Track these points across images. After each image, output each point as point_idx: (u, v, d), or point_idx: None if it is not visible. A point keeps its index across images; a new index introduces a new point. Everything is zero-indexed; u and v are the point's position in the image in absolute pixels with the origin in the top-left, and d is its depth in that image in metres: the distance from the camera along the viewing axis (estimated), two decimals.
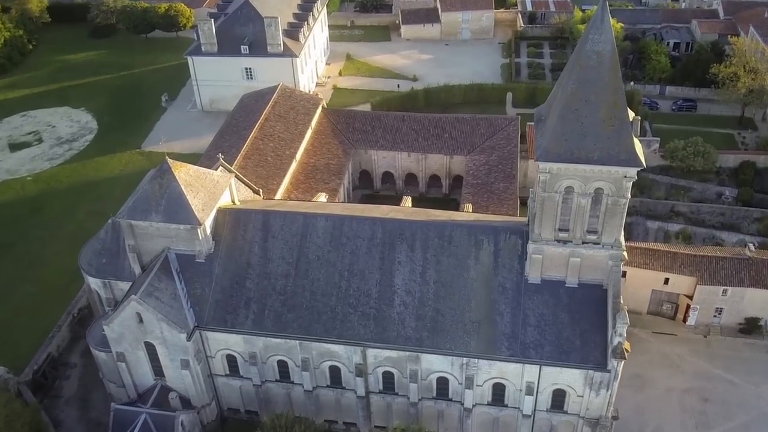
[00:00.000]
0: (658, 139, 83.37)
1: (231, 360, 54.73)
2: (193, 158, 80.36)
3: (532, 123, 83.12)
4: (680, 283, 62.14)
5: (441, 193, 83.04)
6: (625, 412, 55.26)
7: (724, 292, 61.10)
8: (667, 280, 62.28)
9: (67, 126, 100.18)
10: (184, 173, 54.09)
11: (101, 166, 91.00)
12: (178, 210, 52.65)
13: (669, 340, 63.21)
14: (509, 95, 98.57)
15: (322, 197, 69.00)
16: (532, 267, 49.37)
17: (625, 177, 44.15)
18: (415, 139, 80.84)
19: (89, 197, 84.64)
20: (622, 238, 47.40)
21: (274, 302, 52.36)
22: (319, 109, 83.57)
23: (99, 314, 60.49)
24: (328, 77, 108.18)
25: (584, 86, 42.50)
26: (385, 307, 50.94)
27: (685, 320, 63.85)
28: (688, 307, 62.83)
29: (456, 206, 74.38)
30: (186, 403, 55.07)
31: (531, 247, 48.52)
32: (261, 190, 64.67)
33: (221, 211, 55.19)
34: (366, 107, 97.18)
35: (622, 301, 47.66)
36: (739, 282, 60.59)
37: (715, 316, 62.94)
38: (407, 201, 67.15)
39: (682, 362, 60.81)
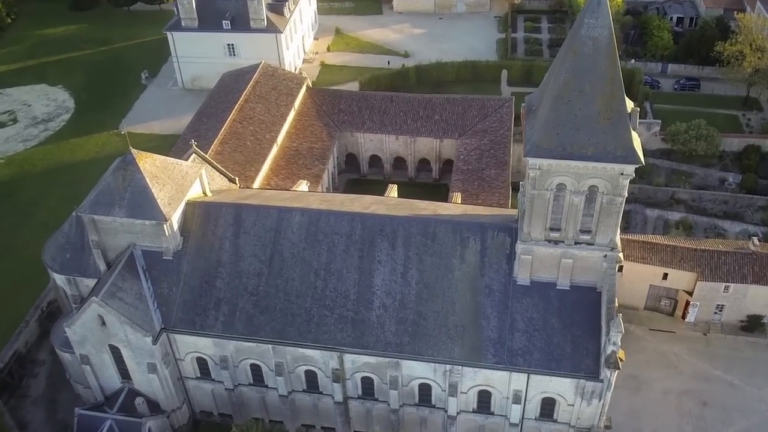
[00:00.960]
0: (659, 121, 79.38)
1: (202, 363, 51.64)
2: (172, 139, 76.69)
3: None
4: (680, 278, 58.82)
5: (431, 178, 79.37)
6: (620, 417, 52.35)
7: (726, 288, 57.81)
8: (665, 276, 58.95)
9: (44, 105, 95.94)
10: (150, 164, 50.35)
11: (77, 148, 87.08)
12: (142, 204, 49.07)
13: (667, 338, 60.08)
14: (504, 73, 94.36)
15: (303, 185, 65.36)
16: (521, 268, 45.97)
17: (622, 174, 40.50)
18: (404, 121, 76.88)
19: (63, 181, 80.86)
20: (618, 239, 43.92)
21: (246, 303, 49.06)
22: (303, 89, 79.45)
23: (67, 311, 57.28)
24: (316, 53, 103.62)
25: (578, 75, 38.63)
26: (363, 310, 47.65)
27: (684, 317, 60.66)
28: (688, 303, 59.60)
29: (446, 192, 71.01)
30: (155, 406, 52.09)
31: (520, 247, 45.05)
32: (237, 179, 60.94)
33: (190, 205, 51.60)
34: (354, 86, 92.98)
35: (617, 306, 44.40)
36: (742, 278, 57.23)
37: (715, 312, 59.72)
38: (393, 190, 63.52)
39: (680, 362, 57.74)
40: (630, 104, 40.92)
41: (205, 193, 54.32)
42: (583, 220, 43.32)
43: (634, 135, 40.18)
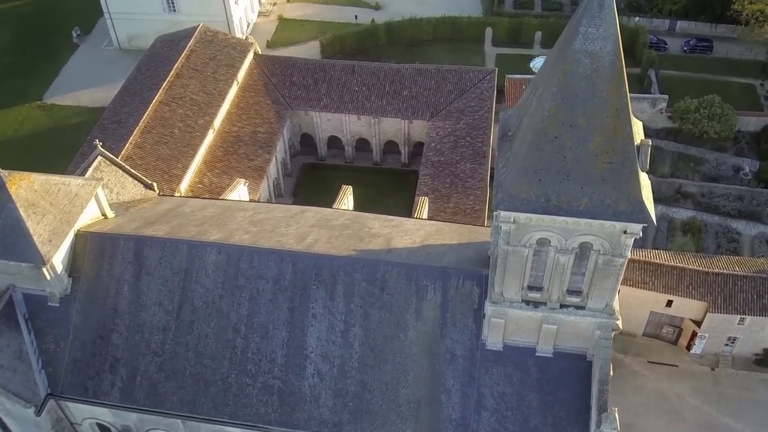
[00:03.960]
0: (666, 97, 67.93)
1: (103, 429, 42.29)
2: (101, 113, 64.59)
3: (513, 76, 68.39)
4: (687, 307, 49.29)
5: (399, 162, 68.53)
6: None
7: (741, 320, 48.40)
8: (670, 303, 49.41)
9: None
10: (26, 189, 39.31)
11: None
12: (15, 242, 38.32)
13: (668, 373, 51.02)
14: (488, 31, 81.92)
15: (241, 186, 54.47)
16: (491, 332, 36.09)
17: (626, 233, 30.09)
18: (367, 98, 65.32)
19: None
20: (616, 303, 33.90)
21: (149, 365, 39.22)
22: (249, 57, 67.40)
23: None
24: (274, 3, 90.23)
25: (569, 104, 27.67)
26: (293, 378, 37.93)
27: (689, 348, 51.48)
28: (695, 334, 50.31)
29: (415, 180, 60.63)
30: None
31: (490, 309, 35.00)
32: (156, 183, 49.90)
33: (81, 236, 41.02)
34: (315, 46, 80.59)
35: (611, 375, 34.90)
36: (762, 309, 47.69)
37: (726, 344, 50.55)
38: (347, 193, 53.01)
39: (683, 406, 48.84)
40: (638, 135, 30.11)
41: (104, 215, 43.66)
42: (572, 279, 33.18)
43: (644, 180, 29.53)
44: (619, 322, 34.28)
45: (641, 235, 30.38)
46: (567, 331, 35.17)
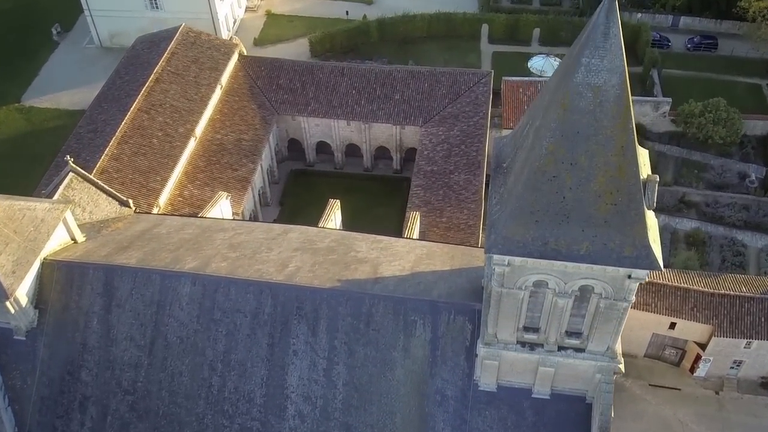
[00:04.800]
0: (669, 100, 65.25)
1: None
2: (81, 117, 61.73)
3: (510, 78, 65.52)
4: (691, 330, 46.90)
5: (391, 169, 65.84)
6: None
7: (748, 344, 46.07)
8: (673, 325, 47.03)
9: None
10: None
11: None
12: None
13: (670, 397, 48.72)
14: (484, 28, 78.87)
15: (223, 201, 51.85)
16: (484, 372, 33.67)
17: (630, 277, 27.56)
18: (357, 102, 62.48)
19: None
20: (618, 346, 31.45)
21: (120, 404, 36.81)
22: (234, 59, 64.43)
23: None
24: None
25: (570, 141, 25.03)
26: (273, 420, 35.57)
27: (692, 370, 49.15)
28: (699, 357, 47.98)
29: (407, 188, 58.02)
30: None
31: (482, 350, 32.54)
32: (131, 201, 47.17)
33: (48, 265, 38.42)
34: (303, 44, 77.54)
35: (612, 417, 32.59)
36: None
37: (731, 367, 48.25)
38: (334, 208, 50.39)
39: None
40: (645, 170, 27.50)
41: (74, 240, 41.02)
42: (571, 321, 30.72)
43: (650, 221, 26.93)
44: (621, 366, 31.84)
45: (647, 279, 27.83)
46: (565, 372, 32.77)
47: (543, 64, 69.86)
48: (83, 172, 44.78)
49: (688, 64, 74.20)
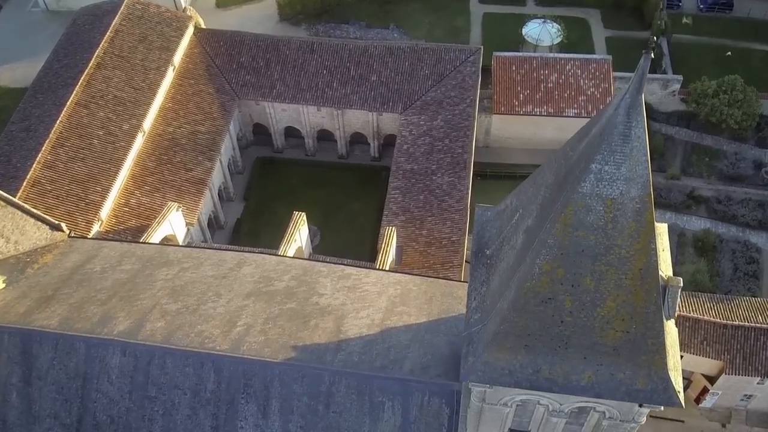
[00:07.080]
0: (680, 78, 58.24)
1: None
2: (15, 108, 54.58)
3: (501, 54, 58.18)
4: (699, 363, 42.07)
5: (369, 156, 59.24)
6: None
7: (761, 381, 41.31)
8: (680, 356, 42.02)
9: None
10: None
11: None
12: None
13: (673, 429, 44.44)
14: None
15: (174, 214, 45.63)
16: None
17: (641, 406, 22.06)
18: (328, 84, 55.27)
19: None
20: None
21: None
22: (188, 35, 56.66)
23: None
24: None
25: (572, 260, 18.98)
26: None
27: (698, 401, 44.70)
28: (706, 389, 43.36)
29: (386, 180, 51.93)
30: None
31: None
32: (64, 224, 40.78)
33: None
34: (271, 5, 69.13)
35: None
36: None
37: (741, 400, 43.72)
38: (299, 223, 44.41)
39: None
40: (665, 271, 21.55)
41: None
42: (568, 429, 25.42)
43: (670, 338, 21.24)
44: None
45: (662, 408, 22.38)
46: None
47: (539, 32, 62.16)
48: (6, 195, 38.00)
49: (700, 29, 66.33)
